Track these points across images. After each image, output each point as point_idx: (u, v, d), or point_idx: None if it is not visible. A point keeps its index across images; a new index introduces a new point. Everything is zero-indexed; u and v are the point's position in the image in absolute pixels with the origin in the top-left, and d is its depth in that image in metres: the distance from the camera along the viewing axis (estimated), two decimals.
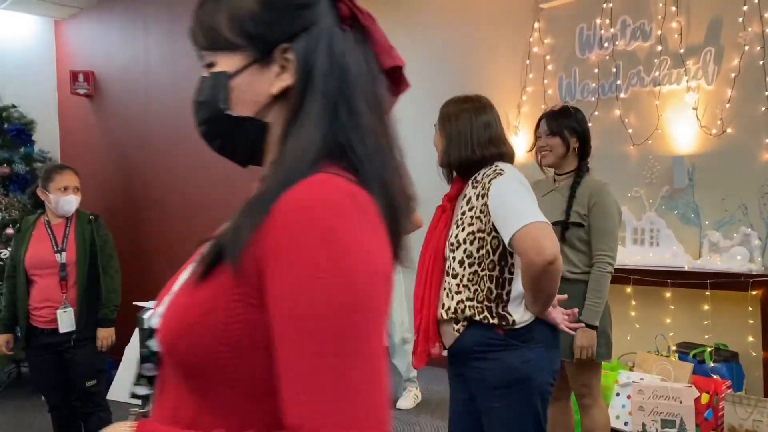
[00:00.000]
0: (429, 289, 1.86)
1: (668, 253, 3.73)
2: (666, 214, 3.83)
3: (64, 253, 2.89)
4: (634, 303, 3.89)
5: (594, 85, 4.13)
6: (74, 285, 2.91)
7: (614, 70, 4.03)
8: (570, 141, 2.47)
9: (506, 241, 1.69)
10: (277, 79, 0.74)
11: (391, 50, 0.78)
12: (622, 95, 4.01)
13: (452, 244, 1.82)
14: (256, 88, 0.75)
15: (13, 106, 5.02)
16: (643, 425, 3.26)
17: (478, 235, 1.77)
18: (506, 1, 4.54)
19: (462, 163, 1.87)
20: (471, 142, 1.84)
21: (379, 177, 0.72)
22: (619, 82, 4.01)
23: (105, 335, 2.93)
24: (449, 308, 1.81)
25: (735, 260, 3.41)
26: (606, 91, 4.08)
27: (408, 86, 0.81)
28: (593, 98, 4.12)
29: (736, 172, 3.59)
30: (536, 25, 4.39)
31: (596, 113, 4.05)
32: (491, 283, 1.76)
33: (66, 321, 2.86)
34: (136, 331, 0.76)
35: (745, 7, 3.52)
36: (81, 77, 5.38)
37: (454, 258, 1.81)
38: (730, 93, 3.60)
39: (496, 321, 1.73)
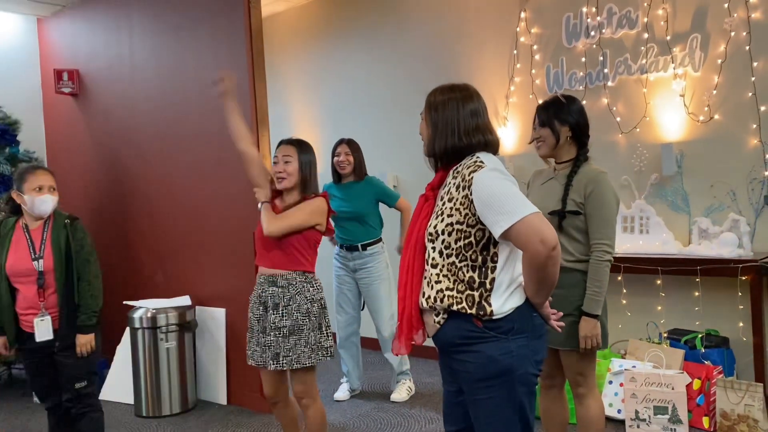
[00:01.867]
0: (412, 277, 1.85)
1: (658, 241, 3.74)
2: (655, 201, 3.84)
3: (41, 261, 2.83)
4: (624, 291, 3.90)
5: (581, 74, 4.13)
6: (54, 292, 2.87)
7: (601, 58, 4.03)
8: (560, 131, 2.47)
9: (499, 233, 1.67)
10: None
11: None
12: (609, 83, 4.01)
13: (431, 234, 1.81)
14: None
15: None
16: (636, 412, 3.28)
17: (456, 227, 1.76)
18: None
19: (448, 152, 1.85)
20: (458, 131, 1.82)
21: None
22: (606, 70, 4.01)
23: (83, 342, 2.88)
24: (429, 297, 1.80)
25: (724, 246, 3.43)
26: (593, 80, 4.08)
27: None
28: (581, 87, 4.12)
29: (724, 159, 3.60)
30: (523, 14, 4.38)
31: (584, 102, 4.03)
32: (473, 272, 1.75)
33: (43, 329, 2.81)
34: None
35: None
36: (65, 76, 5.31)
37: (433, 248, 1.80)
38: (716, 79, 3.61)
39: (474, 311, 1.73)
